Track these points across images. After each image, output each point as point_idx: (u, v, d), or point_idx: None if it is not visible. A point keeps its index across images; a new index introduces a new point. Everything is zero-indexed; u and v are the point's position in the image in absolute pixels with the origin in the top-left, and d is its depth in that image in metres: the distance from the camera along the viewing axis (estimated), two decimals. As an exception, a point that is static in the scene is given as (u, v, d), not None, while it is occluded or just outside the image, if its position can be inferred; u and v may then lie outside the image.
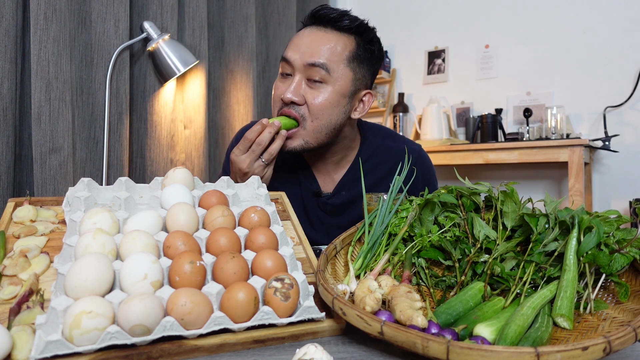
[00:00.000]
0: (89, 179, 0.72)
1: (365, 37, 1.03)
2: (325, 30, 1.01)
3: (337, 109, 1.00)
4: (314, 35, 1.00)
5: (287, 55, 1.00)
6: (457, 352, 0.44)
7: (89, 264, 0.53)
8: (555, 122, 2.29)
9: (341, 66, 1.00)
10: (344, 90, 1.01)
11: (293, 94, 0.98)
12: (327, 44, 0.99)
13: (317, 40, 0.99)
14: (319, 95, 0.98)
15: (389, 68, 3.08)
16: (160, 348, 0.50)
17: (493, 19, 2.73)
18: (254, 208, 0.71)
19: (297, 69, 0.99)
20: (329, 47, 0.99)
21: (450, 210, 0.74)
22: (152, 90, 1.78)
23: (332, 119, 1.01)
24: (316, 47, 0.98)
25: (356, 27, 1.01)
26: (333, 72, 0.98)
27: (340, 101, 1.00)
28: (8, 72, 1.33)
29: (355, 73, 1.02)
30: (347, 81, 1.01)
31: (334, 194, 1.11)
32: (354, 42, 1.02)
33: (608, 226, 0.61)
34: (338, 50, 0.99)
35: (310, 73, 0.98)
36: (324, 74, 0.98)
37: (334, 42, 0.99)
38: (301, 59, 0.98)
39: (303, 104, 0.99)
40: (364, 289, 0.58)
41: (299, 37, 1.02)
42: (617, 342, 0.44)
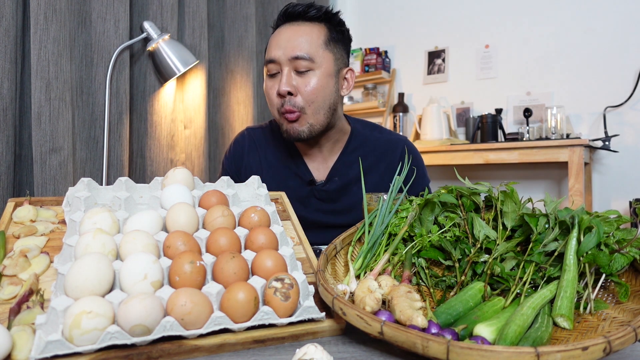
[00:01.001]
0: (89, 179, 0.72)
1: (333, 22, 1.14)
2: (298, 24, 1.11)
3: (327, 89, 1.10)
4: (290, 31, 1.10)
5: (271, 56, 1.09)
6: (457, 352, 0.44)
7: (89, 264, 0.53)
8: (555, 122, 2.29)
9: (320, 51, 1.09)
10: (329, 71, 1.10)
11: (286, 85, 1.06)
12: (303, 35, 1.08)
13: (294, 34, 1.09)
14: (309, 81, 1.07)
15: (389, 68, 3.08)
16: (160, 348, 0.50)
17: (493, 19, 2.73)
18: (254, 208, 0.71)
19: (283, 63, 1.07)
20: (307, 38, 1.08)
21: (450, 210, 0.74)
22: (152, 90, 1.78)
23: (326, 99, 1.10)
24: (295, 40, 1.08)
25: (324, 15, 1.12)
26: (316, 58, 1.08)
27: (328, 82, 1.10)
28: (8, 72, 1.33)
29: (334, 54, 1.12)
30: (329, 63, 1.10)
31: (328, 181, 1.19)
32: (324, 28, 1.12)
33: (608, 226, 0.61)
34: (314, 38, 1.09)
35: (296, 65, 1.07)
36: (308, 62, 1.07)
37: (309, 32, 1.09)
38: (285, 54, 1.07)
39: (297, 95, 1.07)
40: (364, 289, 0.58)
41: (277, 37, 1.11)
42: (617, 342, 0.44)
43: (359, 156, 1.19)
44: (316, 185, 1.18)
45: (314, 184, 1.18)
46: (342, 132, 1.21)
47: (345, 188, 1.18)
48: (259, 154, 1.23)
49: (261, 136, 1.26)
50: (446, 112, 2.66)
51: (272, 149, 1.22)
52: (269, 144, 1.24)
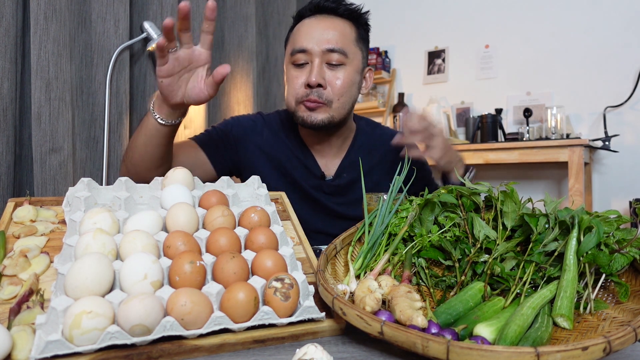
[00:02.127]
0: (89, 179, 0.72)
1: (360, 20, 1.14)
2: (330, 18, 1.10)
3: (354, 86, 1.12)
4: (324, 24, 1.09)
5: (302, 45, 1.07)
6: (457, 352, 0.44)
7: (89, 264, 0.53)
8: (555, 122, 2.29)
9: (352, 47, 1.10)
10: (358, 68, 1.12)
11: (318, 78, 1.05)
12: (337, 29, 1.08)
13: (327, 27, 1.08)
14: (340, 76, 1.08)
15: (389, 68, 3.08)
16: (160, 348, 0.50)
17: (493, 19, 2.73)
18: (254, 208, 0.71)
19: (314, 54, 1.06)
20: (340, 32, 1.08)
21: (450, 210, 0.74)
22: (152, 90, 1.78)
23: (352, 94, 1.12)
24: (330, 33, 1.07)
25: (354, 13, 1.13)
26: (349, 54, 1.08)
27: (355, 78, 1.12)
28: (8, 72, 1.33)
29: (362, 52, 1.14)
30: (359, 60, 1.12)
31: (337, 177, 1.20)
32: (353, 26, 1.12)
33: (608, 226, 0.61)
34: (347, 33, 1.10)
35: (329, 57, 1.07)
36: (341, 56, 1.07)
37: (342, 27, 1.09)
38: (318, 46, 1.06)
39: (326, 87, 1.07)
40: (364, 289, 0.58)
41: (308, 27, 1.09)
42: (617, 342, 0.44)
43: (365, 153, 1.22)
44: (325, 180, 1.19)
45: (323, 178, 1.19)
46: (350, 129, 1.23)
47: (354, 184, 1.20)
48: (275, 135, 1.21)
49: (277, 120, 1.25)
50: (446, 112, 2.66)
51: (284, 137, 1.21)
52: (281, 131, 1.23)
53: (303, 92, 1.07)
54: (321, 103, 1.06)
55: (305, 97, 1.07)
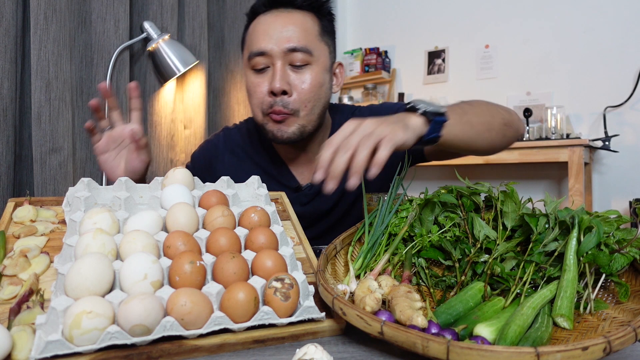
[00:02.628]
0: (89, 179, 0.72)
1: (322, 11, 1.01)
2: (288, 12, 0.96)
3: (324, 87, 0.99)
4: (281, 19, 0.95)
5: (260, 47, 0.94)
6: (457, 352, 0.44)
7: (89, 264, 0.53)
8: (555, 122, 2.29)
9: (317, 43, 0.97)
10: (326, 66, 0.99)
11: (282, 83, 0.93)
12: (297, 24, 0.95)
13: (286, 23, 0.94)
14: (306, 78, 0.95)
15: (389, 68, 3.08)
16: (160, 348, 0.50)
17: (493, 19, 2.73)
18: (254, 208, 0.71)
19: (275, 57, 0.94)
20: (301, 28, 0.95)
21: (450, 210, 0.74)
22: (152, 90, 1.78)
23: (322, 97, 0.99)
24: (289, 30, 0.94)
25: (314, 2, 0.99)
26: (314, 51, 0.95)
27: (324, 78, 0.99)
28: (8, 72, 1.33)
29: (329, 47, 1.01)
30: (326, 57, 0.99)
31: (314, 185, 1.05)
32: (315, 18, 0.99)
33: (608, 226, 0.61)
34: (309, 28, 0.96)
35: (291, 58, 0.94)
36: (305, 55, 0.94)
37: (302, 21, 0.96)
38: (278, 46, 0.93)
39: (292, 94, 0.94)
40: (364, 289, 0.58)
41: (264, 25, 0.96)
42: (617, 342, 0.44)
43: None
44: (302, 191, 1.07)
45: (300, 190, 1.07)
46: (326, 129, 1.09)
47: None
48: (237, 157, 1.11)
49: (238, 138, 1.14)
50: (446, 112, 2.66)
51: (252, 154, 1.10)
52: (247, 147, 1.12)
53: (268, 102, 0.95)
54: (287, 114, 0.94)
55: (271, 109, 0.95)
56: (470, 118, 0.78)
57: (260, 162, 1.09)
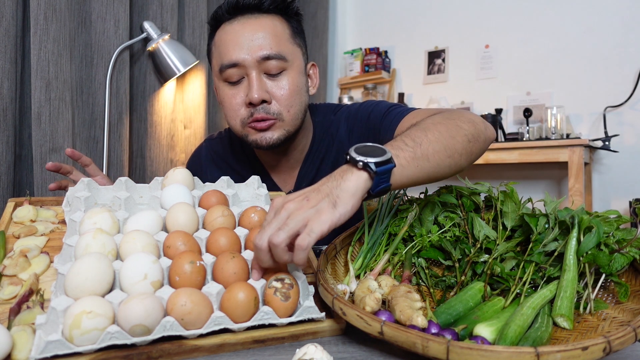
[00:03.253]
0: (89, 179, 0.72)
1: (289, 12, 0.97)
2: (255, 17, 0.92)
3: (302, 90, 0.96)
4: (250, 26, 0.91)
5: (232, 59, 0.90)
6: (457, 352, 0.44)
7: (89, 264, 0.53)
8: (555, 122, 2.29)
9: (290, 47, 0.94)
10: (301, 69, 0.97)
11: (260, 93, 0.89)
12: (267, 29, 0.91)
13: (256, 30, 0.90)
14: (284, 84, 0.92)
15: (389, 68, 3.08)
16: (160, 348, 0.50)
17: (493, 19, 2.73)
18: (254, 208, 0.71)
19: (249, 67, 0.90)
20: (272, 33, 0.91)
21: (450, 210, 0.74)
22: (152, 90, 1.78)
23: (302, 100, 0.96)
24: (259, 37, 0.90)
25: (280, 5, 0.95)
26: (288, 56, 0.92)
27: (301, 81, 0.96)
28: (8, 72, 1.33)
29: (301, 48, 0.98)
30: (300, 59, 0.97)
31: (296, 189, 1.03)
32: (284, 20, 0.95)
33: (608, 226, 0.61)
34: (279, 32, 0.92)
35: (266, 67, 0.90)
36: (280, 62, 0.91)
37: (272, 26, 0.92)
38: (251, 56, 0.89)
39: (271, 101, 0.92)
40: (364, 289, 0.58)
41: (232, 35, 0.91)
42: (617, 342, 0.44)
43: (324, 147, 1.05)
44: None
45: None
46: (307, 132, 1.06)
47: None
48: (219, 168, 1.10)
49: (220, 149, 1.12)
50: (446, 112, 2.66)
51: (234, 164, 1.08)
52: (229, 158, 1.10)
53: (246, 113, 0.92)
54: (271, 119, 0.91)
55: (251, 117, 0.91)
56: (426, 149, 0.67)
57: (241, 172, 1.07)
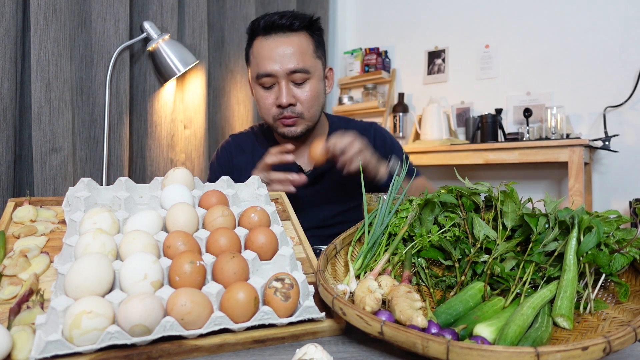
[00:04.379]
0: (89, 179, 0.72)
1: (313, 28, 1.20)
2: (287, 36, 1.15)
3: (321, 93, 1.20)
4: (281, 44, 1.14)
5: (267, 70, 1.14)
6: (457, 352, 0.44)
7: (89, 264, 0.53)
8: (555, 122, 2.29)
9: (313, 60, 1.17)
10: (320, 76, 1.20)
11: (288, 98, 1.14)
12: (296, 48, 1.14)
13: (287, 47, 1.14)
14: (307, 91, 1.16)
15: (389, 68, 3.08)
16: (160, 348, 0.50)
17: (493, 19, 2.73)
18: (254, 208, 0.71)
19: (280, 77, 1.14)
20: (300, 50, 1.14)
21: (450, 210, 0.74)
22: (152, 90, 1.78)
23: (320, 101, 1.21)
24: (290, 54, 1.13)
25: (307, 23, 1.17)
26: (311, 69, 1.15)
27: (320, 86, 1.20)
28: (8, 72, 1.33)
29: (321, 59, 1.21)
30: (320, 69, 1.20)
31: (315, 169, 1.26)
32: (309, 36, 1.18)
33: (608, 226, 0.61)
34: (305, 49, 1.15)
35: (294, 77, 1.14)
36: (304, 74, 1.14)
37: (299, 44, 1.15)
38: (282, 69, 1.13)
39: (296, 104, 1.16)
40: (364, 289, 0.58)
41: (268, 50, 1.14)
42: (617, 342, 0.44)
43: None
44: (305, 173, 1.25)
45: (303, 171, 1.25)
46: (323, 127, 1.31)
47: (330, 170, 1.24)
48: (247, 156, 1.31)
49: (246, 140, 1.35)
50: (446, 112, 2.66)
51: (259, 151, 1.28)
52: (255, 147, 1.32)
53: (277, 112, 1.16)
54: (295, 117, 1.16)
55: (281, 115, 1.16)
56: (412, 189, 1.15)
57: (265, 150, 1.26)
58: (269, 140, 1.32)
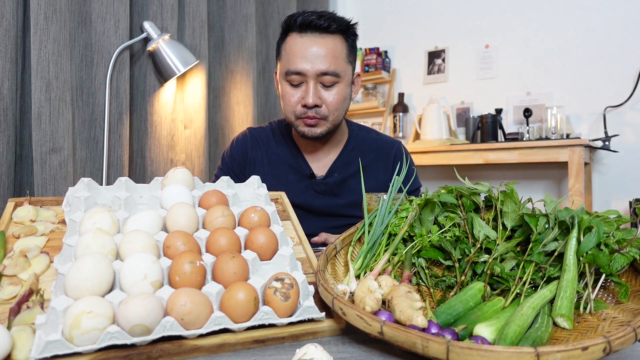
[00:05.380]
0: (89, 179, 0.72)
1: (349, 33, 1.17)
2: (322, 37, 1.12)
3: (347, 98, 1.19)
4: (316, 44, 1.11)
5: (298, 68, 1.11)
6: (457, 352, 0.44)
7: (89, 264, 0.53)
8: (555, 122, 2.29)
9: (344, 65, 1.14)
10: (349, 82, 1.18)
11: (315, 99, 1.11)
12: (329, 49, 1.11)
13: (320, 47, 1.11)
14: (334, 94, 1.13)
15: (389, 68, 3.08)
16: (160, 348, 0.50)
17: (493, 19, 2.73)
18: (254, 208, 0.71)
19: (309, 77, 1.11)
20: (333, 53, 1.11)
21: (450, 210, 0.74)
22: (152, 90, 1.78)
23: (345, 106, 1.19)
24: (322, 55, 1.10)
25: (344, 27, 1.15)
26: (341, 73, 1.13)
27: (348, 91, 1.18)
28: (8, 72, 1.33)
29: (352, 65, 1.19)
30: (350, 74, 1.18)
31: (327, 176, 1.25)
32: (344, 40, 1.15)
33: (608, 226, 0.61)
34: (338, 52, 1.13)
35: (323, 79, 1.11)
36: (334, 78, 1.12)
37: (333, 47, 1.12)
38: (313, 69, 1.10)
39: (322, 105, 1.13)
40: (364, 289, 0.58)
41: (301, 49, 1.11)
42: (617, 342, 0.44)
43: (358, 155, 1.26)
44: (316, 179, 1.24)
45: (314, 177, 1.24)
46: (342, 132, 1.28)
47: (344, 182, 1.25)
48: (261, 151, 1.29)
49: (263, 135, 1.32)
50: (446, 112, 2.66)
51: (274, 147, 1.29)
52: (271, 143, 1.30)
53: (301, 110, 1.13)
54: (319, 119, 1.14)
55: (304, 115, 1.13)
56: None
57: (280, 153, 1.28)
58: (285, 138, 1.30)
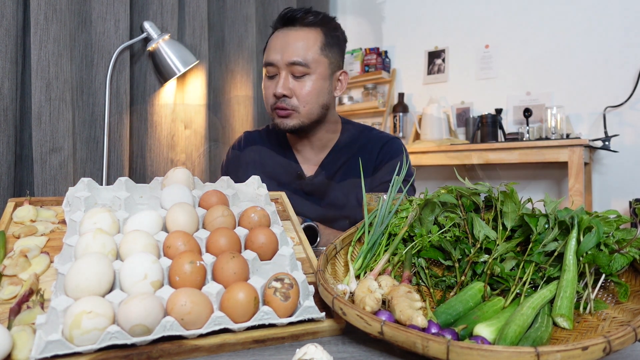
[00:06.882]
0: (89, 179, 0.72)
1: (329, 27, 1.20)
2: (296, 29, 1.17)
3: (322, 92, 1.19)
4: (288, 36, 1.16)
5: (270, 59, 1.17)
6: (457, 352, 0.44)
7: (89, 264, 0.53)
8: (555, 122, 2.29)
9: (316, 56, 1.16)
10: (324, 75, 1.19)
11: (283, 89, 1.15)
12: (300, 41, 1.15)
13: (291, 39, 1.15)
14: (305, 85, 1.16)
15: (389, 68, 3.08)
16: (160, 348, 0.50)
17: (493, 19, 2.73)
18: (254, 208, 0.71)
19: (281, 67, 1.15)
20: (303, 44, 1.15)
21: (450, 211, 0.74)
22: (152, 90, 1.78)
23: (320, 100, 1.19)
24: (292, 46, 1.14)
25: (320, 20, 1.18)
26: (311, 64, 1.15)
27: (322, 85, 1.18)
28: (8, 72, 1.33)
29: (328, 58, 1.20)
30: (324, 67, 1.18)
31: (316, 176, 1.26)
32: (321, 33, 1.18)
33: (608, 226, 0.61)
34: (310, 44, 1.16)
35: (293, 69, 1.15)
36: (304, 68, 1.14)
37: (305, 38, 1.16)
38: (282, 59, 1.14)
39: (292, 96, 1.16)
40: (364, 289, 0.58)
41: (275, 40, 1.18)
42: (617, 342, 0.44)
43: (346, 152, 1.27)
44: (305, 180, 1.26)
45: (303, 178, 1.26)
46: (334, 131, 1.29)
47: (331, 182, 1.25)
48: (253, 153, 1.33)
49: (257, 138, 1.37)
50: (446, 112, 2.66)
51: (267, 148, 1.32)
52: (265, 144, 1.34)
53: (273, 101, 1.18)
54: (290, 110, 1.16)
55: (275, 105, 1.17)
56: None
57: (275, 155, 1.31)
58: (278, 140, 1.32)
